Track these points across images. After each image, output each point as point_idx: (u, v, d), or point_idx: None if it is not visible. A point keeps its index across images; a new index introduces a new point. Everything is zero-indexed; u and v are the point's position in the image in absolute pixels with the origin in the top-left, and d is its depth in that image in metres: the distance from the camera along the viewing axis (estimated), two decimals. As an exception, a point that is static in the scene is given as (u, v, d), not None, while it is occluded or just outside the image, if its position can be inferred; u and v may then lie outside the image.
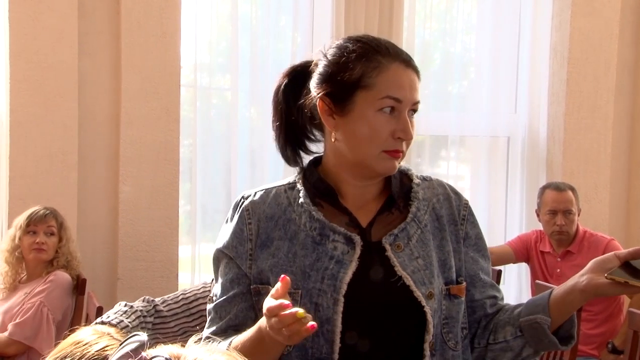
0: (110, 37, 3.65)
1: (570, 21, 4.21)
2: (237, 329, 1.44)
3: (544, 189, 3.75)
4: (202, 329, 1.55)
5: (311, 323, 1.25)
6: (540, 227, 3.80)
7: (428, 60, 4.35)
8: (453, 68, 4.34)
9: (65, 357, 1.25)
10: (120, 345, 0.84)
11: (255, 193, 1.51)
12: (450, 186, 1.56)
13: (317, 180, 1.49)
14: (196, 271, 3.91)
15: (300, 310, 1.24)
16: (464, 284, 1.49)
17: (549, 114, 4.32)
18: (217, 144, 4.01)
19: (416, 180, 1.52)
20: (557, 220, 3.60)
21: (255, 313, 1.45)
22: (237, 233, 1.48)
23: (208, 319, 1.50)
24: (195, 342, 0.83)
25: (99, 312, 2.93)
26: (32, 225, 3.20)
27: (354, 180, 1.48)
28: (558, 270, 3.65)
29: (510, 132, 4.38)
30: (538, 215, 3.74)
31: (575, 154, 4.25)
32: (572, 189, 3.68)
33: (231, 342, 1.40)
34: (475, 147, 4.31)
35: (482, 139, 4.29)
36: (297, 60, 4.61)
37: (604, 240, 3.63)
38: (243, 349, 1.35)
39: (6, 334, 3.12)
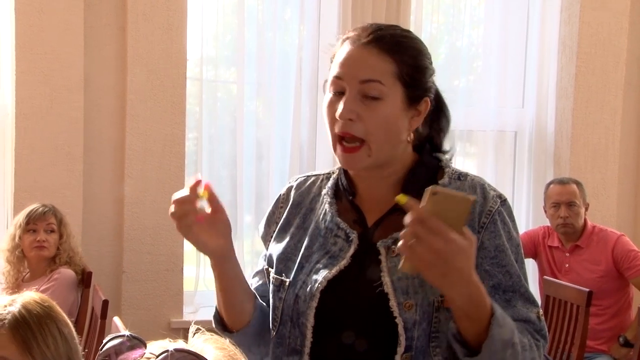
0: (116, 30, 3.64)
1: (580, 15, 4.18)
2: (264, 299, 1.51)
3: (548, 184, 3.75)
4: None
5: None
6: (548, 223, 3.78)
7: (434, 54, 4.29)
8: (460, 62, 4.31)
9: None
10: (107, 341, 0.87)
11: (297, 179, 1.53)
12: (484, 189, 1.39)
13: (343, 171, 1.46)
14: (201, 265, 3.90)
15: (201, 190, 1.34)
16: None
17: (557, 108, 4.29)
18: (223, 137, 4.00)
19: (443, 180, 1.40)
20: (561, 213, 3.59)
21: (268, 291, 1.48)
22: (269, 215, 1.52)
23: None
24: (194, 332, 0.84)
25: (105, 305, 2.92)
26: (31, 224, 3.19)
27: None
28: (567, 265, 3.64)
29: (518, 127, 4.35)
30: (546, 212, 3.73)
31: (583, 149, 4.23)
32: (577, 183, 3.67)
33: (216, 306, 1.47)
34: (483, 141, 4.29)
35: (489, 133, 4.26)
36: (304, 53, 4.63)
37: (613, 236, 3.61)
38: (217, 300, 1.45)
39: None
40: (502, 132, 4.30)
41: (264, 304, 1.48)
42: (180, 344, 0.80)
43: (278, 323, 1.42)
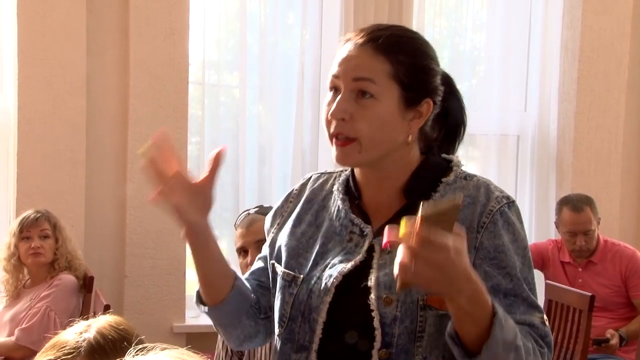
0: (119, 35, 3.64)
1: (582, 19, 4.18)
2: (255, 282, 1.52)
3: (561, 205, 3.68)
4: None
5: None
6: (554, 236, 3.81)
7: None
8: (462, 66, 4.31)
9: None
10: None
11: (312, 175, 1.53)
12: (488, 189, 1.36)
13: (351, 173, 1.45)
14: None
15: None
16: None
17: (560, 112, 4.29)
18: (225, 142, 3.99)
19: (448, 178, 1.38)
20: (578, 241, 3.58)
21: (267, 276, 1.49)
22: (277, 209, 1.52)
23: None
24: (162, 349, 0.84)
25: (106, 310, 2.92)
26: (25, 231, 3.17)
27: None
28: (580, 280, 3.63)
29: (520, 131, 4.35)
30: (558, 228, 3.72)
31: (586, 153, 4.22)
32: (590, 204, 3.62)
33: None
34: (485, 145, 4.29)
35: (491, 137, 4.26)
36: (306, 57, 4.63)
37: (628, 252, 3.61)
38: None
39: (13, 338, 3.10)
40: (504, 135, 4.30)
41: (247, 286, 1.48)
42: None
43: (287, 319, 1.40)
